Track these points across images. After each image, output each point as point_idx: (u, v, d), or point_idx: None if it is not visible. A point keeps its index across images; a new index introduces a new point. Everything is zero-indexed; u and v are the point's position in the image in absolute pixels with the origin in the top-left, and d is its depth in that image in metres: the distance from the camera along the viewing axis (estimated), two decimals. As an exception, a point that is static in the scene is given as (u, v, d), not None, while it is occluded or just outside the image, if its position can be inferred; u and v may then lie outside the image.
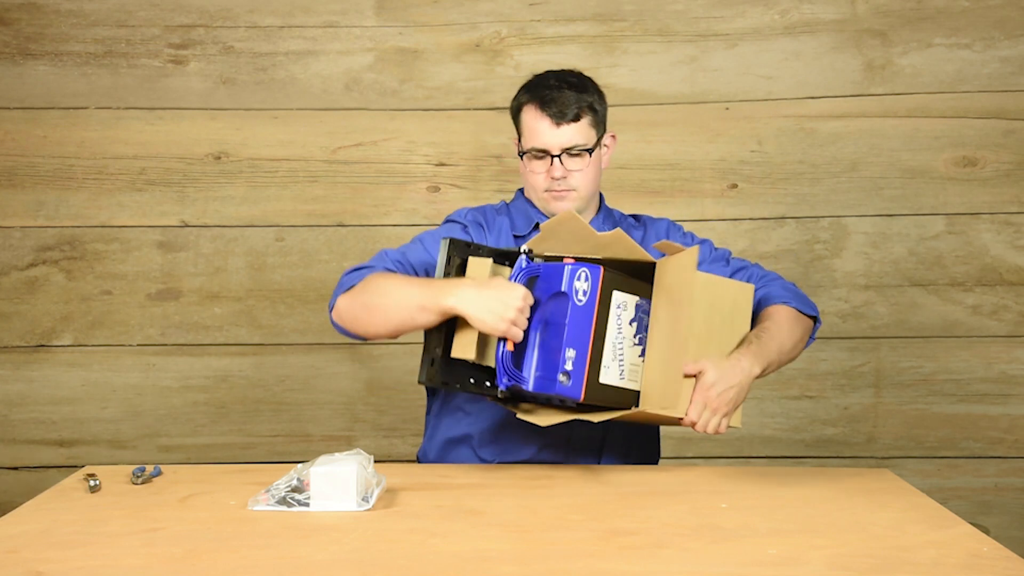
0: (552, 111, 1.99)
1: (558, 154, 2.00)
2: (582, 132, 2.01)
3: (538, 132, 2.00)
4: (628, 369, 1.78)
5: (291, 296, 2.84)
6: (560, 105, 1.99)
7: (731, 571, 1.34)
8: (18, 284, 2.83)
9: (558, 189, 2.02)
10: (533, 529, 1.52)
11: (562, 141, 1.99)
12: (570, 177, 2.01)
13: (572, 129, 2.00)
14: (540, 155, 2.01)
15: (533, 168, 2.02)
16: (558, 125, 1.99)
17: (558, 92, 2.00)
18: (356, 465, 1.61)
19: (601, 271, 1.75)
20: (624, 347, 1.78)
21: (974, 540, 1.45)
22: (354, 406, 2.86)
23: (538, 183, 2.03)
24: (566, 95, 2.00)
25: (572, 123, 1.99)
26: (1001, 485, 2.83)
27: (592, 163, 2.03)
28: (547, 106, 1.99)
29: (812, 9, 2.80)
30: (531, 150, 2.01)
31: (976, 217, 2.80)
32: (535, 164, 2.02)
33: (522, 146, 2.04)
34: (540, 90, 2.01)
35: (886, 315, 2.82)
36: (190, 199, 2.83)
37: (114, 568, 1.36)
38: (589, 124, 2.02)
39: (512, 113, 2.07)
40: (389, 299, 1.85)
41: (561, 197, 2.02)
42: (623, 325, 1.78)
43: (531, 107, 2.01)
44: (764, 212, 2.82)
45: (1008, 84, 2.79)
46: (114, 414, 2.85)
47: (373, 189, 2.83)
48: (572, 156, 2.01)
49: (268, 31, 2.82)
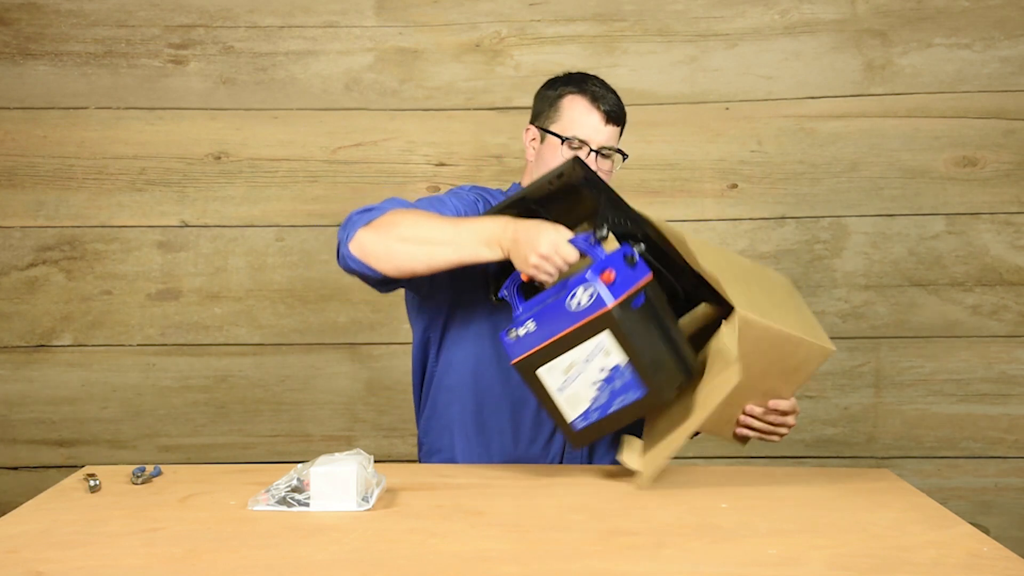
0: (604, 108, 2.01)
1: (597, 149, 2.00)
2: (618, 137, 2.05)
3: (586, 124, 2.00)
4: (571, 392, 1.73)
5: (291, 296, 2.84)
6: (611, 105, 2.01)
7: (731, 571, 1.34)
8: (18, 284, 2.83)
9: None
10: (533, 529, 1.52)
11: (603, 139, 2.01)
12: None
13: (614, 131, 2.02)
14: (579, 146, 2.01)
15: (566, 155, 2.00)
16: (606, 123, 2.01)
17: (606, 92, 2.03)
18: (356, 465, 1.61)
19: (607, 312, 1.65)
20: (579, 375, 1.72)
21: (974, 540, 1.45)
22: (354, 406, 2.86)
23: None
24: (612, 96, 2.03)
25: (615, 125, 2.02)
26: (1001, 485, 2.83)
27: (612, 170, 2.05)
28: (599, 101, 2.01)
29: (812, 9, 2.80)
30: (574, 138, 2.00)
31: (976, 217, 2.80)
32: (570, 154, 2.00)
33: (559, 131, 2.01)
34: (588, 85, 2.03)
35: (886, 315, 2.82)
36: (190, 199, 2.83)
37: (114, 568, 1.36)
38: (620, 132, 2.05)
39: (546, 101, 2.05)
40: (430, 228, 1.80)
41: None
42: (591, 359, 1.71)
43: (581, 97, 2.01)
44: (764, 212, 2.82)
45: (1008, 84, 2.79)
46: (114, 414, 2.85)
47: (373, 189, 2.83)
48: (604, 157, 2.02)
49: (268, 31, 2.82)
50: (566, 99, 2.03)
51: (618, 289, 1.65)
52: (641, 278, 1.70)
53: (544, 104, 2.06)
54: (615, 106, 2.02)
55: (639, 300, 1.68)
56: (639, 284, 1.69)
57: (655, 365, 1.69)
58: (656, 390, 1.69)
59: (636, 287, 1.68)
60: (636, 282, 1.69)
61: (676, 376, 1.74)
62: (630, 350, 1.67)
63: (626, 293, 1.66)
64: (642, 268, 1.71)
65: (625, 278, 1.67)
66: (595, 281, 1.66)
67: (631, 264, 1.69)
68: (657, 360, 1.70)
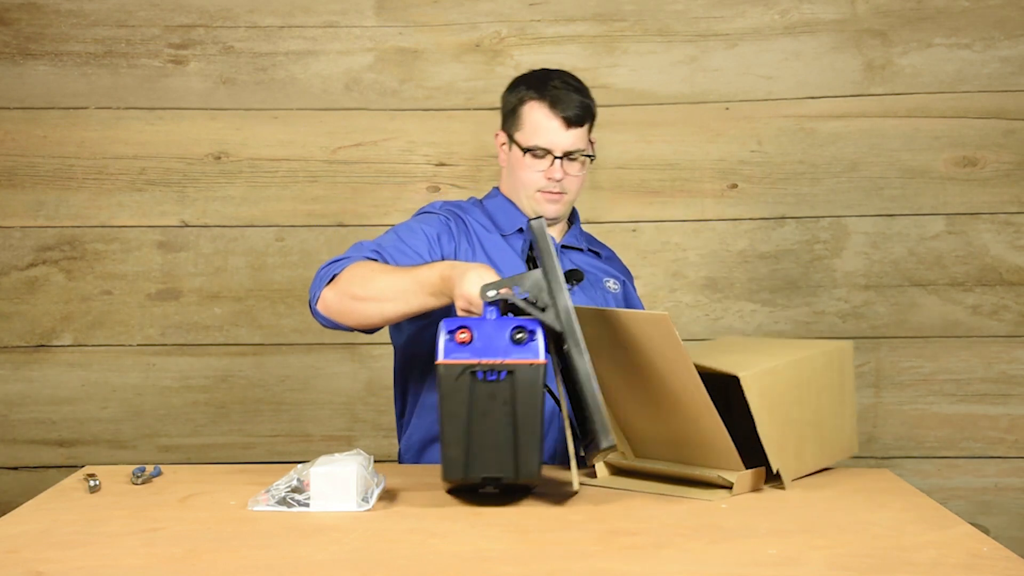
0: (563, 112, 1.98)
1: (561, 156, 1.99)
2: (583, 137, 2.01)
3: (547, 131, 1.98)
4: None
5: (291, 296, 2.84)
6: (571, 107, 1.98)
7: (731, 571, 1.34)
8: (18, 284, 2.83)
9: (553, 191, 2.01)
10: (533, 529, 1.51)
11: (567, 144, 1.99)
12: (565, 180, 2.01)
13: (578, 133, 1.99)
14: (542, 155, 2.00)
15: (531, 166, 2.00)
16: (568, 127, 1.98)
17: (566, 93, 1.99)
18: (356, 465, 1.61)
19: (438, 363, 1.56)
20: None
21: (974, 540, 1.45)
22: (354, 406, 2.86)
23: (533, 181, 2.02)
24: (574, 98, 1.99)
25: (577, 127, 1.99)
26: (1001, 485, 2.83)
27: (584, 168, 2.03)
28: (557, 105, 1.98)
29: (812, 9, 2.80)
30: (535, 148, 1.99)
31: (976, 217, 2.80)
32: (535, 162, 2.00)
33: (520, 141, 2.01)
34: (547, 88, 2.00)
35: (886, 315, 2.82)
36: (190, 199, 2.83)
37: (114, 568, 1.36)
38: (587, 130, 2.02)
39: (508, 106, 2.05)
40: (379, 285, 1.81)
41: (555, 200, 2.02)
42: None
43: (539, 104, 1.99)
44: (764, 212, 2.82)
45: (1008, 84, 2.79)
46: (114, 414, 2.85)
47: (373, 189, 2.83)
48: (572, 160, 2.00)
49: (268, 31, 2.82)
50: (526, 106, 2.01)
51: (460, 352, 1.56)
52: (509, 357, 1.56)
53: (507, 109, 2.05)
54: (577, 107, 1.98)
55: (492, 376, 1.56)
56: (494, 360, 1.56)
57: (478, 443, 1.56)
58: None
59: (487, 362, 1.56)
60: (494, 357, 1.56)
61: (493, 465, 1.58)
62: (443, 411, 1.57)
63: (464, 360, 1.56)
64: (524, 349, 1.56)
65: (487, 348, 1.56)
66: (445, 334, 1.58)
67: (515, 341, 1.56)
68: (482, 442, 1.56)
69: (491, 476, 1.58)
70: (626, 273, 2.24)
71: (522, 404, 1.56)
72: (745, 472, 1.70)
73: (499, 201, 2.10)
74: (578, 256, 2.13)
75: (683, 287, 2.83)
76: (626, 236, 2.83)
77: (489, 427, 1.56)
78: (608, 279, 2.14)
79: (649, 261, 2.83)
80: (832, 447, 1.87)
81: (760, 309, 2.83)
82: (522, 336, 1.56)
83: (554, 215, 2.05)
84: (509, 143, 2.04)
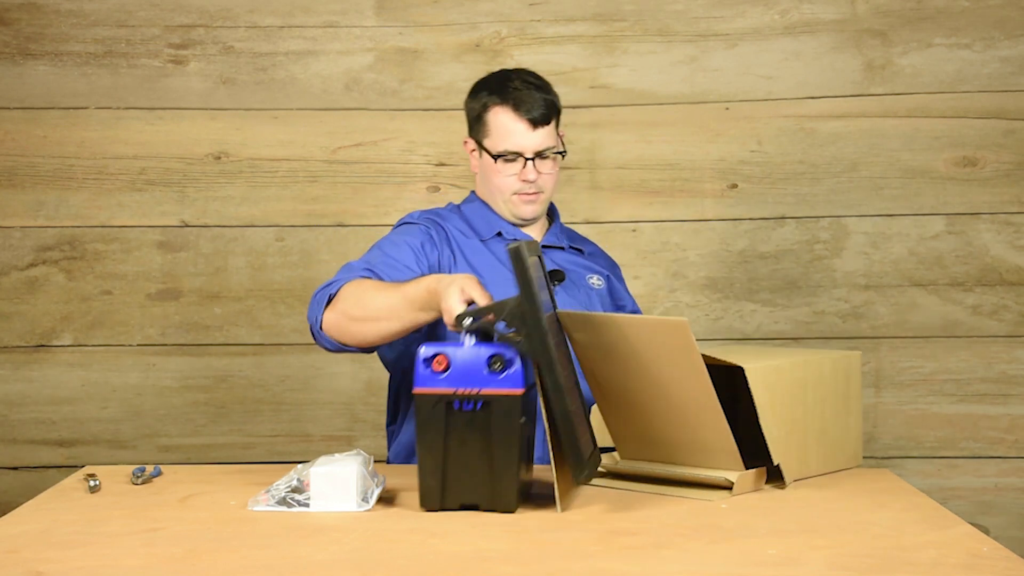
0: (527, 113, 1.99)
1: (532, 157, 2.00)
2: (552, 134, 2.03)
3: (514, 134, 2.00)
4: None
5: (291, 296, 2.84)
6: (534, 107, 1.99)
7: (731, 571, 1.34)
8: (18, 284, 2.83)
9: (529, 192, 2.02)
10: (533, 529, 1.52)
11: (536, 144, 2.00)
12: (540, 179, 2.02)
13: (545, 132, 2.01)
14: (512, 158, 2.01)
15: (503, 170, 2.02)
16: (534, 128, 1.99)
17: (527, 93, 2.00)
18: (356, 465, 1.61)
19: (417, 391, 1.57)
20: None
21: (974, 540, 1.45)
22: (354, 406, 2.86)
23: (508, 186, 2.03)
24: (536, 96, 2.00)
25: (544, 125, 2.00)
26: (1001, 485, 2.83)
27: (557, 164, 2.05)
28: (521, 108, 1.99)
29: (812, 9, 2.80)
30: (505, 153, 2.00)
31: (976, 217, 2.80)
32: (507, 167, 2.02)
33: (489, 148, 2.02)
34: (509, 91, 2.01)
35: (886, 315, 2.82)
36: (190, 199, 2.83)
37: (114, 568, 1.36)
38: (555, 125, 2.04)
39: (472, 113, 2.06)
40: (375, 304, 1.81)
41: (531, 200, 2.04)
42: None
43: (503, 108, 2.00)
44: (764, 212, 2.82)
45: (1008, 84, 2.79)
46: (114, 414, 2.85)
47: (373, 189, 2.83)
48: (543, 159, 2.02)
49: (268, 31, 2.82)
50: (491, 112, 2.02)
51: (436, 381, 1.56)
52: (486, 387, 1.55)
53: (472, 116, 2.06)
54: (541, 106, 1.99)
55: (468, 405, 1.56)
56: (470, 391, 1.56)
57: (455, 472, 1.57)
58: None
59: (463, 392, 1.56)
60: (470, 387, 1.56)
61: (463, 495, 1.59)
62: (420, 440, 1.58)
63: (440, 390, 1.56)
64: (501, 379, 1.56)
65: (463, 377, 1.56)
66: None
67: (492, 370, 1.56)
68: (458, 471, 1.57)
69: (468, 504, 1.59)
70: (611, 267, 2.23)
71: (498, 434, 1.56)
72: (746, 472, 1.70)
73: (476, 206, 2.11)
74: (559, 255, 2.14)
75: (683, 287, 2.83)
76: (626, 236, 2.83)
77: (466, 456, 1.57)
78: (591, 276, 2.14)
79: (649, 261, 2.83)
80: (835, 455, 1.87)
81: (760, 309, 2.83)
82: (499, 365, 1.56)
83: (533, 215, 2.07)
84: (479, 150, 2.06)
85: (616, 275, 2.23)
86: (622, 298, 2.19)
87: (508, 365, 1.56)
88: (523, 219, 2.07)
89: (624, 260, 2.82)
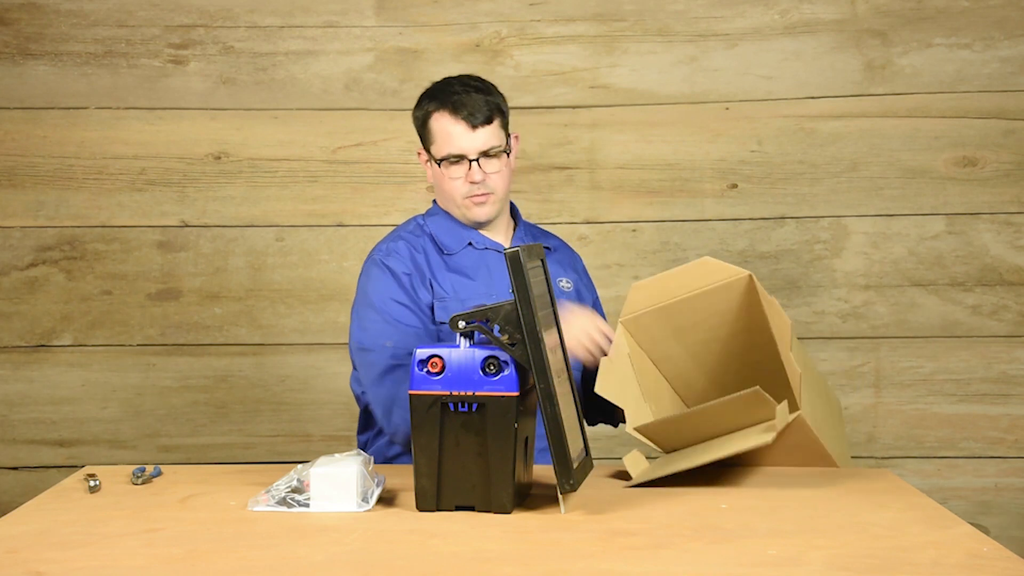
0: (466, 115, 2.00)
1: (475, 158, 2.01)
2: (495, 134, 2.03)
3: (454, 137, 2.01)
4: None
5: (291, 296, 2.84)
6: (472, 108, 2.00)
7: (731, 571, 1.34)
8: (18, 284, 2.83)
9: (478, 193, 2.03)
10: (533, 529, 1.52)
11: (478, 144, 2.01)
12: (488, 180, 2.03)
13: (487, 132, 2.02)
14: (456, 160, 2.02)
15: (451, 174, 2.02)
16: (474, 128, 2.01)
17: (467, 96, 2.02)
18: (356, 466, 1.61)
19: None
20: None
21: (974, 540, 1.45)
22: (354, 406, 2.85)
23: (457, 190, 2.03)
24: (475, 98, 2.02)
25: (486, 126, 2.02)
26: (1001, 485, 2.83)
27: (507, 164, 2.05)
28: (459, 110, 2.00)
29: (812, 9, 2.80)
30: (448, 156, 2.01)
31: (976, 217, 2.80)
32: (453, 170, 2.02)
33: (434, 154, 2.03)
34: (447, 96, 2.02)
35: (886, 315, 2.82)
36: (190, 199, 2.83)
37: (114, 568, 1.36)
38: (499, 125, 2.05)
39: (418, 123, 2.07)
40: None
41: (482, 202, 2.04)
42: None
43: (442, 114, 2.02)
44: (764, 212, 2.83)
45: (1008, 84, 2.79)
46: (114, 414, 2.85)
47: (373, 189, 2.83)
48: (489, 158, 2.02)
49: (268, 31, 2.82)
50: (432, 118, 2.03)
51: (432, 383, 1.57)
52: (481, 389, 1.56)
53: (418, 126, 2.08)
54: (481, 107, 2.01)
55: (463, 407, 1.56)
56: (465, 392, 1.56)
57: (450, 473, 1.58)
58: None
59: (458, 393, 1.56)
60: (465, 389, 1.56)
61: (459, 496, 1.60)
62: (415, 441, 1.59)
63: (435, 391, 1.57)
64: (495, 381, 1.56)
65: (458, 379, 1.56)
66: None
67: (486, 372, 1.56)
68: (453, 472, 1.58)
69: (463, 505, 1.59)
70: (575, 264, 2.23)
71: (493, 436, 1.57)
72: (782, 404, 1.74)
73: (440, 219, 2.10)
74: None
75: (683, 287, 2.83)
76: (626, 236, 2.83)
77: (461, 458, 1.58)
78: (561, 279, 2.14)
79: (649, 261, 2.83)
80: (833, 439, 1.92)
81: (760, 309, 2.83)
82: (494, 367, 1.57)
83: (486, 217, 2.06)
84: (429, 159, 2.06)
85: (580, 271, 2.23)
86: (586, 297, 2.18)
87: (503, 367, 1.57)
88: (477, 222, 2.06)
89: (624, 260, 2.83)
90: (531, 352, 1.54)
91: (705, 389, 1.99)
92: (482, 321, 1.58)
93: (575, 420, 1.67)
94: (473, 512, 1.59)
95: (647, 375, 1.96)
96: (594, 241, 2.83)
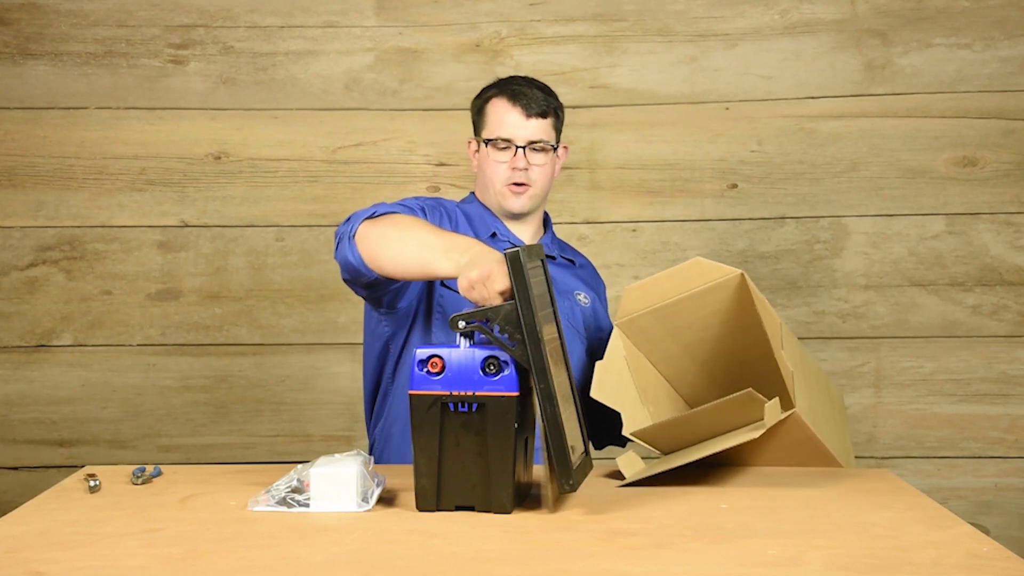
0: (523, 104, 2.04)
1: (523, 145, 2.04)
2: (546, 129, 2.06)
3: (507, 123, 2.04)
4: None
5: (291, 296, 2.84)
6: (531, 99, 2.05)
7: (731, 571, 1.34)
8: (18, 284, 2.83)
9: (518, 182, 2.04)
10: (533, 529, 1.52)
11: (528, 134, 2.04)
12: (531, 171, 2.05)
13: (539, 124, 2.05)
14: (504, 145, 2.04)
15: (496, 158, 2.05)
16: (527, 117, 2.04)
17: (528, 89, 2.07)
18: (356, 466, 1.61)
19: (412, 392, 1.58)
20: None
21: (974, 540, 1.45)
22: (354, 406, 2.86)
23: (499, 174, 2.06)
24: (535, 93, 2.06)
25: (539, 118, 2.05)
26: (1001, 485, 2.83)
27: (551, 162, 2.08)
28: (517, 99, 2.05)
29: (812, 9, 2.80)
30: (496, 139, 2.04)
31: (976, 217, 2.80)
32: (498, 154, 2.05)
33: (484, 136, 2.07)
34: (509, 85, 2.08)
35: (886, 315, 2.82)
36: (190, 199, 2.83)
37: (114, 568, 1.36)
38: (552, 125, 2.08)
39: (475, 109, 2.12)
40: (415, 231, 1.78)
41: (520, 192, 2.06)
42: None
43: (500, 99, 2.07)
44: (764, 212, 2.83)
45: (1008, 84, 2.79)
46: (114, 414, 2.85)
47: (373, 189, 2.83)
48: (535, 151, 2.05)
49: (268, 31, 2.82)
50: (490, 103, 2.08)
51: (431, 383, 1.56)
52: (481, 389, 1.56)
53: (474, 113, 2.12)
54: (539, 100, 2.05)
55: (463, 407, 1.56)
56: (465, 393, 1.56)
57: (450, 473, 1.58)
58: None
59: (458, 393, 1.56)
60: (465, 389, 1.56)
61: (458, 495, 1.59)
62: (415, 442, 1.58)
63: (435, 391, 1.56)
64: (495, 381, 1.56)
65: (458, 379, 1.56)
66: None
67: (487, 372, 1.56)
68: (453, 472, 1.58)
69: (463, 505, 1.59)
70: (597, 286, 2.24)
71: (493, 436, 1.57)
72: (772, 402, 1.73)
73: (474, 207, 2.12)
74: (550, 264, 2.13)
75: (683, 287, 2.83)
76: (626, 236, 2.83)
77: (461, 458, 1.58)
78: (579, 292, 2.14)
79: (649, 261, 2.83)
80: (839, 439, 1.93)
81: (760, 309, 2.83)
82: (494, 367, 1.57)
83: (520, 209, 2.07)
84: (478, 145, 2.10)
85: (600, 294, 2.23)
86: (602, 320, 2.19)
87: (503, 367, 1.57)
88: (512, 212, 2.07)
89: (624, 260, 2.83)
90: (531, 352, 1.54)
91: (705, 388, 2.00)
92: (482, 321, 1.58)
93: (575, 423, 1.67)
94: (473, 512, 1.59)
95: (646, 376, 1.96)
96: (594, 241, 2.83)
